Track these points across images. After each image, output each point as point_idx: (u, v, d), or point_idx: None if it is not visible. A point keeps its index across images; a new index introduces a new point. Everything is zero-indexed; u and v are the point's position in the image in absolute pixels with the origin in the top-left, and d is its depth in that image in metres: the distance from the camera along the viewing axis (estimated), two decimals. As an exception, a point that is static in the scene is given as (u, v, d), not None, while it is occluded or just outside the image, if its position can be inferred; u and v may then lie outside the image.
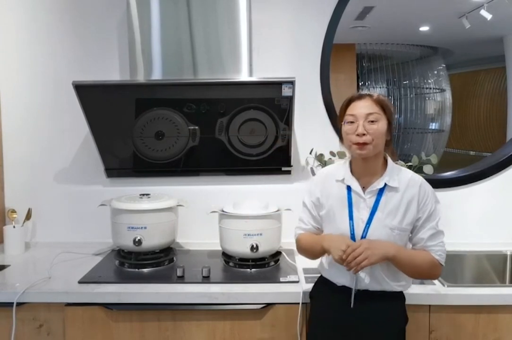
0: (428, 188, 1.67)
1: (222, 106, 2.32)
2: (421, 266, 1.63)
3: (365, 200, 1.65)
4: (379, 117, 1.59)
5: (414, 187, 1.64)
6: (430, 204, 1.64)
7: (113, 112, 2.31)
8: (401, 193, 1.64)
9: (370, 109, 1.59)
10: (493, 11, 2.75)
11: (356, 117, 1.60)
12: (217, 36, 2.30)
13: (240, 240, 2.16)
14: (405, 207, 1.63)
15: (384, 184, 1.64)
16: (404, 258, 1.60)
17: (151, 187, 2.49)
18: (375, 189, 1.64)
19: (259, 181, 2.53)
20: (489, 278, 2.43)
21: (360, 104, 1.61)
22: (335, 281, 1.72)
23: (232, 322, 1.92)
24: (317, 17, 2.46)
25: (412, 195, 1.64)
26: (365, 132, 1.57)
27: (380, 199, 1.64)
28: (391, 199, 1.63)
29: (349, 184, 1.68)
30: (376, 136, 1.58)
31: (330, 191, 1.72)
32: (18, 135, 2.54)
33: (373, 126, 1.58)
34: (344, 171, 1.71)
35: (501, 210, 2.52)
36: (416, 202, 1.63)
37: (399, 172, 1.68)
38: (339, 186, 1.70)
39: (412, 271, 1.65)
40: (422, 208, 1.64)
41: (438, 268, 1.65)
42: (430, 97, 3.59)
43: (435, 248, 1.64)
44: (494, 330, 1.90)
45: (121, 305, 1.92)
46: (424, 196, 1.64)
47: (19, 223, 2.48)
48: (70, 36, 2.49)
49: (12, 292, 1.91)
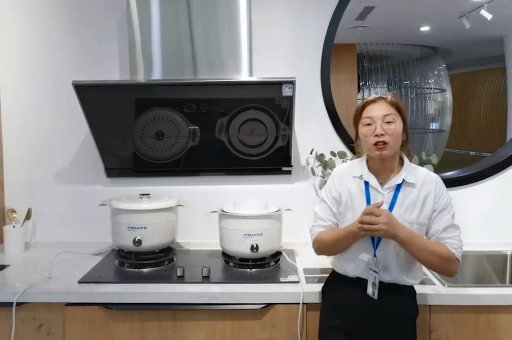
0: (442, 185, 1.73)
1: (222, 106, 2.32)
2: (433, 256, 1.62)
3: (383, 196, 1.69)
4: (395, 118, 1.65)
5: (430, 183, 1.70)
6: (445, 198, 1.70)
7: (113, 112, 2.31)
8: (418, 188, 1.69)
9: (386, 110, 1.66)
10: (493, 11, 2.75)
11: (373, 119, 1.65)
12: (217, 36, 2.30)
13: (240, 240, 2.16)
14: (422, 201, 1.67)
15: (402, 180, 1.68)
16: (415, 244, 1.60)
17: (151, 187, 2.49)
18: (393, 185, 1.69)
19: (259, 181, 2.53)
20: (489, 278, 2.43)
21: (375, 107, 1.67)
22: (349, 274, 1.75)
23: (232, 322, 1.92)
24: (317, 17, 2.46)
25: (429, 190, 1.69)
26: (383, 133, 1.63)
27: (398, 194, 1.68)
28: (409, 195, 1.68)
29: (367, 180, 1.72)
30: (394, 136, 1.64)
31: (349, 187, 1.75)
32: (18, 135, 2.54)
33: (390, 127, 1.64)
34: (361, 169, 1.76)
35: (501, 210, 2.52)
36: (432, 197, 1.68)
37: (415, 169, 1.74)
38: (357, 182, 1.75)
39: (424, 260, 1.65)
40: (438, 201, 1.68)
41: (454, 263, 1.65)
42: (431, 97, 3.59)
43: (451, 241, 1.66)
44: (494, 330, 1.90)
45: (121, 305, 1.92)
46: (440, 191, 1.70)
47: (19, 223, 2.48)
48: (70, 36, 2.49)
49: (12, 292, 1.92)
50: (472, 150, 3.49)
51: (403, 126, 1.68)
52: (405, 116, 1.70)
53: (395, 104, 1.67)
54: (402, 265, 1.69)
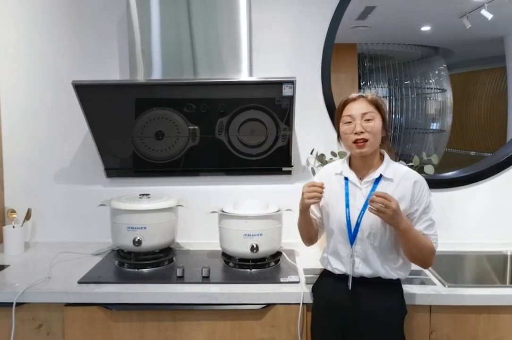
0: (423, 183, 1.75)
1: (222, 106, 2.32)
2: (422, 247, 1.70)
3: (361, 190, 1.75)
4: (374, 116, 1.70)
5: (409, 180, 1.73)
6: (425, 198, 1.73)
7: (113, 112, 2.31)
8: (395, 183, 1.73)
9: (365, 108, 1.71)
10: (493, 11, 2.75)
11: (353, 117, 1.71)
12: (217, 36, 2.30)
13: (240, 240, 2.15)
14: (398, 196, 1.68)
15: (380, 175, 1.74)
16: (412, 235, 1.67)
17: (151, 187, 2.49)
18: (371, 179, 1.74)
19: (259, 181, 2.53)
20: (490, 279, 2.43)
21: (355, 105, 1.72)
22: (334, 270, 1.79)
23: (232, 322, 1.92)
24: (318, 17, 2.46)
25: (406, 187, 1.72)
26: (363, 130, 1.68)
27: (375, 188, 1.73)
28: (386, 189, 1.71)
29: (347, 175, 1.78)
30: (373, 133, 1.69)
31: (331, 184, 1.81)
32: (18, 135, 2.54)
33: (369, 124, 1.69)
34: (343, 166, 1.83)
35: (502, 210, 2.52)
36: (409, 196, 1.71)
37: (394, 165, 1.78)
38: (338, 178, 1.81)
39: (414, 249, 1.70)
40: (419, 201, 1.72)
41: (433, 255, 1.75)
42: (431, 97, 3.59)
43: (432, 237, 1.75)
44: (495, 331, 1.90)
45: (121, 305, 1.92)
46: (420, 190, 1.73)
47: (18, 223, 2.48)
48: (70, 36, 2.49)
49: (11, 292, 1.91)
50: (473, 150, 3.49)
51: (383, 123, 1.73)
52: (384, 113, 1.74)
53: (374, 102, 1.72)
54: (381, 257, 1.73)
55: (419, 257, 1.74)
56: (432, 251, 1.73)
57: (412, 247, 1.69)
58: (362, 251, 1.73)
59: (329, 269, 1.83)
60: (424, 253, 1.72)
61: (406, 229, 1.65)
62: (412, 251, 1.71)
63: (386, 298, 1.74)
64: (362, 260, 1.74)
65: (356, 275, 1.74)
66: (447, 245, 2.46)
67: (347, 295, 1.74)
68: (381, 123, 1.72)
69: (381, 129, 1.72)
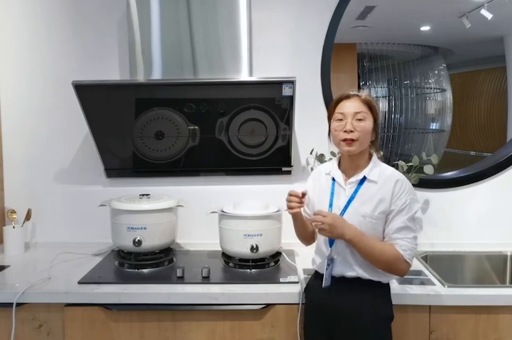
0: (406, 185, 1.72)
1: (222, 106, 2.32)
2: (381, 255, 1.66)
3: (345, 190, 1.75)
4: (366, 116, 1.70)
5: (391, 182, 1.71)
6: (404, 199, 1.69)
7: (113, 112, 2.31)
8: (379, 185, 1.72)
9: (358, 108, 1.70)
10: (493, 11, 2.75)
11: (345, 115, 1.70)
12: (217, 36, 2.30)
13: (240, 240, 2.15)
14: (379, 198, 1.69)
15: (364, 177, 1.73)
16: (363, 244, 1.65)
17: (151, 187, 2.49)
18: (355, 180, 1.74)
19: (259, 181, 2.53)
20: (489, 279, 2.43)
21: (348, 103, 1.72)
22: (320, 270, 1.79)
23: (232, 322, 1.92)
24: (318, 16, 2.45)
25: (388, 188, 1.70)
26: (353, 129, 1.68)
27: (358, 189, 1.73)
28: (368, 190, 1.72)
29: (334, 175, 1.80)
30: (363, 133, 1.69)
31: (320, 184, 1.84)
32: (17, 135, 2.54)
33: (360, 124, 1.69)
34: (331, 166, 1.85)
35: (501, 210, 2.51)
36: (390, 195, 1.69)
37: (380, 167, 1.77)
38: (326, 178, 1.83)
39: (372, 259, 1.67)
40: (396, 201, 1.69)
41: (402, 263, 1.66)
42: (431, 97, 3.59)
43: (401, 242, 1.67)
44: (495, 331, 1.90)
45: (121, 306, 1.92)
46: (400, 190, 1.69)
47: (19, 223, 2.48)
48: (70, 36, 2.49)
49: (12, 293, 1.91)
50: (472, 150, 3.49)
51: (374, 124, 1.72)
52: (376, 115, 1.74)
53: (367, 102, 1.71)
54: (360, 259, 1.70)
55: (378, 265, 1.69)
56: (394, 258, 1.65)
57: (366, 255, 1.67)
58: (341, 250, 1.72)
59: (315, 268, 1.84)
60: (382, 261, 1.67)
61: (355, 239, 1.64)
62: (368, 259, 1.68)
63: (368, 299, 1.71)
64: (341, 259, 1.73)
65: (336, 275, 1.73)
66: (447, 245, 2.47)
67: (329, 295, 1.73)
68: (372, 124, 1.72)
69: (371, 130, 1.72)
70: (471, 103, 3.58)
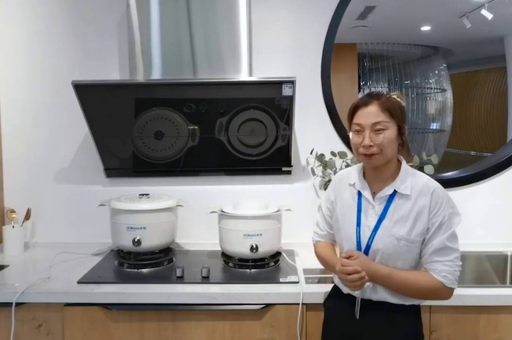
0: (443, 197, 1.54)
1: (221, 106, 2.32)
2: (417, 290, 1.53)
3: (373, 207, 1.59)
4: (386, 125, 1.52)
5: (427, 194, 1.53)
6: (442, 215, 1.52)
7: (113, 111, 2.31)
8: (412, 200, 1.54)
9: (376, 117, 1.52)
10: (493, 11, 2.75)
11: (362, 126, 1.53)
12: (216, 36, 2.30)
13: (240, 240, 2.15)
14: (414, 216, 1.53)
15: (394, 191, 1.56)
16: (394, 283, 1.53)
17: (151, 187, 2.49)
18: (384, 195, 1.57)
19: (259, 181, 2.53)
20: (490, 279, 2.42)
21: (365, 111, 1.53)
22: (342, 288, 1.68)
23: (231, 322, 1.92)
24: (318, 16, 2.45)
25: (424, 204, 1.53)
26: (371, 144, 1.51)
27: (389, 206, 1.56)
28: (401, 207, 1.55)
29: (360, 189, 1.63)
30: (384, 145, 1.51)
31: (343, 195, 1.68)
32: (17, 135, 2.54)
33: (379, 136, 1.51)
34: (356, 176, 1.66)
35: (502, 210, 2.51)
36: (427, 211, 1.52)
37: (413, 177, 1.58)
38: (351, 190, 1.66)
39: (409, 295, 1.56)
40: (432, 218, 1.52)
41: (444, 291, 1.52)
42: (431, 97, 3.59)
43: (440, 267, 1.51)
44: (495, 331, 1.90)
45: (121, 305, 1.92)
46: (437, 204, 1.52)
47: (18, 223, 2.48)
48: (70, 36, 2.49)
49: (11, 292, 1.91)
50: (473, 150, 3.48)
51: (398, 129, 1.54)
52: (400, 119, 1.54)
53: (387, 107, 1.52)
54: None
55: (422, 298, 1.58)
56: (434, 288, 1.51)
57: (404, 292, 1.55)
58: None
59: (337, 284, 1.72)
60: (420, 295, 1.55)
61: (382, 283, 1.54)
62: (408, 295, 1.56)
63: (397, 327, 1.58)
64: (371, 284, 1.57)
65: (364, 298, 1.60)
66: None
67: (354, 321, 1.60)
68: (396, 131, 1.53)
69: (395, 138, 1.53)
70: (471, 103, 3.58)
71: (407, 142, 1.61)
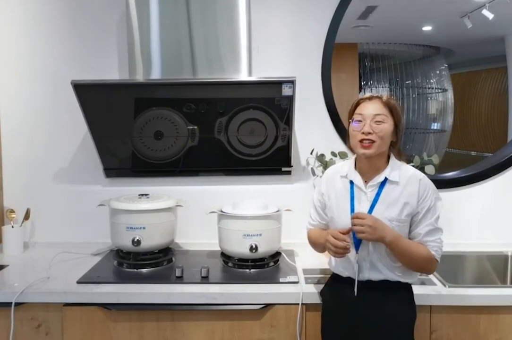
0: (429, 184, 1.72)
1: (221, 106, 2.32)
2: (417, 257, 1.68)
3: (366, 194, 1.72)
4: (385, 119, 1.66)
5: (415, 182, 1.70)
6: (429, 200, 1.70)
7: (112, 111, 2.31)
8: (401, 187, 1.70)
9: (378, 110, 1.67)
10: (495, 11, 2.74)
11: (364, 116, 1.67)
12: (216, 36, 2.30)
13: (240, 240, 2.15)
14: (404, 200, 1.68)
15: (385, 178, 1.70)
16: (401, 246, 1.65)
17: (150, 187, 2.48)
18: (376, 182, 1.71)
19: (258, 181, 2.53)
20: (490, 279, 2.42)
21: (369, 105, 1.69)
22: (341, 273, 1.78)
23: (231, 322, 1.92)
24: (318, 16, 2.45)
25: (413, 190, 1.69)
26: (371, 131, 1.65)
27: (380, 192, 1.70)
28: (391, 192, 1.70)
29: (352, 179, 1.75)
30: (381, 136, 1.65)
31: (335, 187, 1.80)
32: (17, 135, 2.54)
33: (379, 126, 1.65)
34: (348, 168, 1.79)
35: (502, 210, 2.51)
36: (416, 197, 1.69)
37: (401, 167, 1.74)
38: (343, 181, 1.78)
39: (407, 261, 1.69)
40: (422, 203, 1.69)
41: (434, 263, 1.71)
42: (432, 97, 3.58)
43: (432, 244, 1.70)
44: (495, 331, 1.90)
45: (120, 305, 1.92)
46: (425, 191, 1.69)
47: (17, 223, 2.48)
48: (69, 36, 2.49)
49: (10, 292, 1.91)
50: (474, 150, 3.47)
51: (394, 128, 1.69)
52: (398, 118, 1.70)
53: (388, 105, 1.68)
54: (388, 262, 1.70)
55: (412, 267, 1.72)
56: (428, 259, 1.69)
57: (402, 258, 1.68)
58: (367, 256, 1.71)
59: (336, 272, 1.81)
60: (417, 263, 1.70)
61: (394, 242, 1.64)
62: (403, 261, 1.69)
63: (393, 305, 1.70)
64: (369, 265, 1.71)
65: (362, 279, 1.71)
66: (448, 245, 2.42)
67: (352, 301, 1.71)
68: (393, 127, 1.68)
69: (391, 133, 1.69)
70: (472, 103, 3.57)
71: (399, 142, 1.76)
